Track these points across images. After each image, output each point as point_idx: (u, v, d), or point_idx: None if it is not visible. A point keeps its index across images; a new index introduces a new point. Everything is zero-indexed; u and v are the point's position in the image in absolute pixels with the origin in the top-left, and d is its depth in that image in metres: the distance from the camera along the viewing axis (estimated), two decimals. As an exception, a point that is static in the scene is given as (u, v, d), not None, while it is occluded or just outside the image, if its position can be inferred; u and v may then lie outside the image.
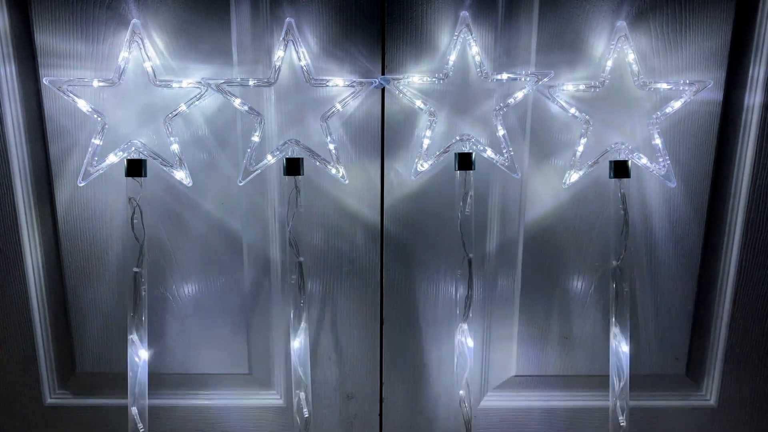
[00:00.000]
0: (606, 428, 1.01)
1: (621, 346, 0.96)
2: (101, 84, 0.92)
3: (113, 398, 1.06)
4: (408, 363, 1.07)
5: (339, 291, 1.04)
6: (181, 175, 0.95)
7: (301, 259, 0.97)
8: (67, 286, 1.03)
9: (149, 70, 0.91)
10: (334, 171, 0.95)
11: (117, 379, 1.04)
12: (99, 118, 0.92)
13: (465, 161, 0.93)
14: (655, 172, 0.95)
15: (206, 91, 0.93)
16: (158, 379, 1.04)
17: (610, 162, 0.94)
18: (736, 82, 0.96)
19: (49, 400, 1.07)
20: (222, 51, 0.94)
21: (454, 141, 0.95)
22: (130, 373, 0.95)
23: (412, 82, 0.95)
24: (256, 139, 0.94)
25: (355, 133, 0.98)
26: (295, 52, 0.93)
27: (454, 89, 0.96)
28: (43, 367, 1.05)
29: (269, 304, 1.05)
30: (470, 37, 0.92)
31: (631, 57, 0.93)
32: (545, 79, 0.92)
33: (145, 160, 0.93)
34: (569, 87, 0.94)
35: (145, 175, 0.93)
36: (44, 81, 0.92)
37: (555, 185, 1.00)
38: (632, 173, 0.94)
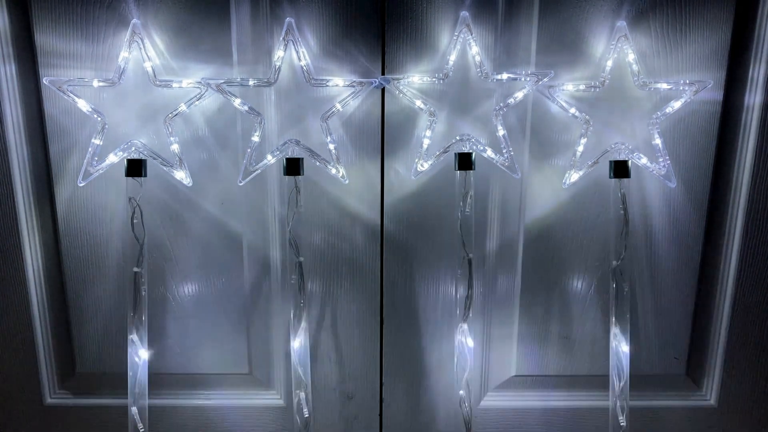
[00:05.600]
0: (606, 428, 1.01)
1: (621, 346, 0.96)
2: (101, 84, 0.92)
3: (113, 398, 1.06)
4: (408, 363, 1.07)
5: (339, 291, 1.04)
6: (181, 175, 0.95)
7: (301, 259, 0.97)
8: (67, 286, 1.03)
9: (149, 70, 0.91)
10: (334, 171, 0.95)
11: (117, 379, 1.03)
12: (99, 118, 0.92)
13: (465, 161, 0.93)
14: (655, 172, 0.95)
15: (206, 91, 0.93)
16: (158, 379, 1.04)
17: (610, 162, 0.94)
18: (736, 82, 0.96)
19: (49, 400, 1.07)
20: (222, 51, 0.94)
21: (454, 141, 0.95)
22: (130, 373, 0.95)
23: (412, 82, 0.95)
24: (256, 139, 0.94)
25: (355, 133, 0.98)
26: (295, 52, 0.93)
27: (454, 89, 0.96)
28: (43, 367, 1.05)
29: (269, 304, 1.05)
30: (470, 37, 0.92)
31: (631, 57, 0.93)
32: (545, 79, 0.92)
33: (145, 160, 0.93)
34: (569, 87, 0.94)
35: (145, 175, 0.93)
36: (44, 81, 0.92)
37: (555, 185, 0.99)
38: (632, 173, 0.94)
